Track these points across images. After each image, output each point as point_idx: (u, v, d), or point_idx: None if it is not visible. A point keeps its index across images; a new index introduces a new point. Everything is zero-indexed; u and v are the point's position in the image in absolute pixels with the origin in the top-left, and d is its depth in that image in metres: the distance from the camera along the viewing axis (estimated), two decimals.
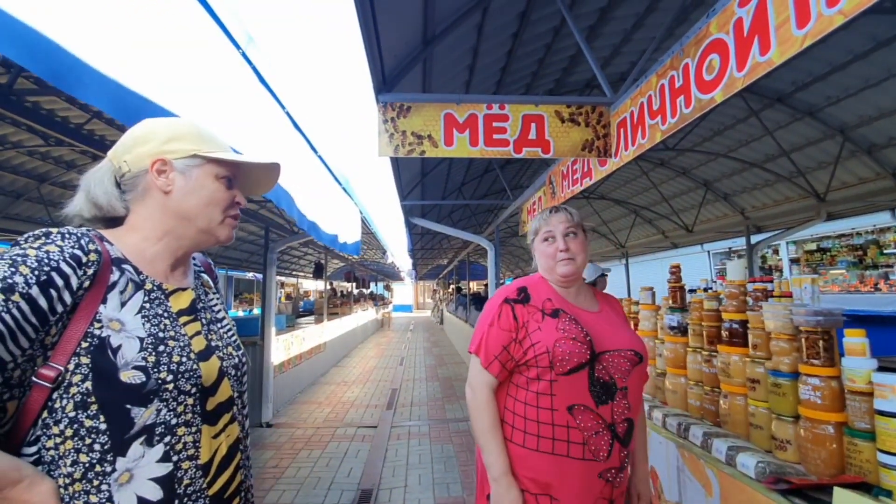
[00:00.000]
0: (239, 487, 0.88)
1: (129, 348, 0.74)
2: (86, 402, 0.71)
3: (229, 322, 1.00)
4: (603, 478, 1.18)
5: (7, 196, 5.69)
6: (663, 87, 2.21)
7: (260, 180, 1.01)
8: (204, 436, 0.81)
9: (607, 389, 1.21)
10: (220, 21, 2.19)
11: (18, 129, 4.40)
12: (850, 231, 9.36)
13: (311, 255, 13.93)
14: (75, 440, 0.70)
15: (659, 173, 7.10)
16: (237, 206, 0.93)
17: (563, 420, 1.18)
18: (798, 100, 4.60)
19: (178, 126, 0.89)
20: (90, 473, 0.70)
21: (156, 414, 0.75)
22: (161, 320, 0.81)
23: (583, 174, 3.52)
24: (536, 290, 1.35)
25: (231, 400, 0.88)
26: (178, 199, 0.86)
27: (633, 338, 1.32)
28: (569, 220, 1.38)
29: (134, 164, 0.85)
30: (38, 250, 0.71)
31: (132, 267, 0.82)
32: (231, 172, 0.91)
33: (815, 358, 1.36)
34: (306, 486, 3.55)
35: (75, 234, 0.77)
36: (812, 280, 1.94)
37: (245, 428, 0.93)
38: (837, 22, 1.29)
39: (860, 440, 1.21)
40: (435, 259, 19.66)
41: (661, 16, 3.84)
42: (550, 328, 1.24)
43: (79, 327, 0.72)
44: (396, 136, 2.68)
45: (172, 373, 0.77)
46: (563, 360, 1.19)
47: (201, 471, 0.79)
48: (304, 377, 7.25)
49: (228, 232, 0.92)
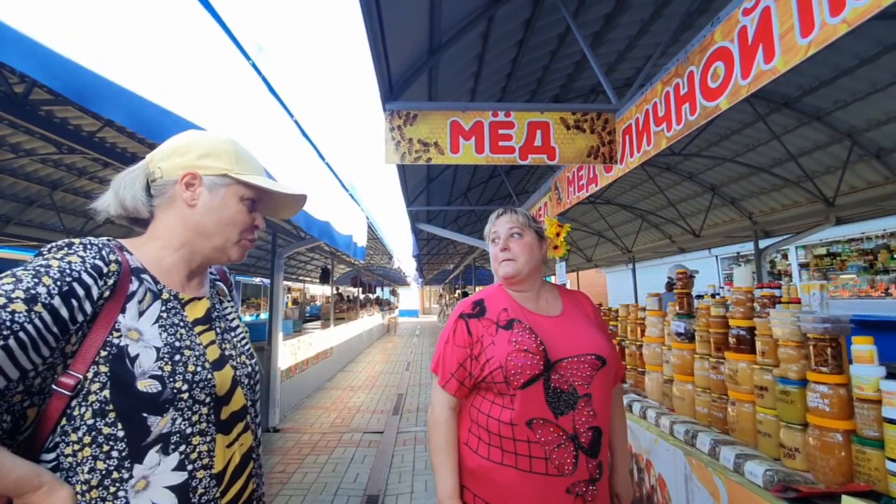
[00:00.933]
0: (251, 496, 0.89)
1: (146, 357, 0.75)
2: (104, 409, 0.72)
3: (243, 330, 1.01)
4: (571, 493, 1.13)
5: (21, 203, 5.79)
6: (668, 94, 2.23)
7: (285, 206, 1.03)
8: (218, 445, 0.82)
9: (567, 399, 1.16)
10: (230, 32, 2.24)
11: (32, 137, 4.50)
12: (860, 235, 9.26)
13: (317, 260, 14.00)
14: (93, 447, 0.72)
15: (665, 178, 7.08)
16: (255, 229, 0.95)
17: (523, 435, 1.14)
18: (805, 104, 4.59)
19: (216, 143, 0.91)
20: (107, 480, 0.71)
21: (171, 423, 0.76)
22: (177, 330, 0.82)
23: (588, 180, 3.53)
24: (493, 301, 1.31)
25: (244, 409, 0.89)
26: (199, 213, 0.87)
27: (596, 340, 1.25)
28: (513, 220, 1.35)
29: (167, 171, 0.87)
30: (60, 261, 0.73)
31: (150, 276, 0.83)
32: (256, 196, 0.93)
33: (824, 365, 1.36)
34: (313, 491, 3.55)
35: (97, 245, 0.78)
36: (821, 286, 1.93)
37: (258, 436, 0.94)
38: (841, 31, 1.30)
39: (869, 448, 1.20)
40: (441, 264, 19.70)
41: (666, 22, 3.85)
42: (503, 342, 1.20)
43: (98, 336, 0.74)
44: (403, 143, 2.71)
45: (188, 382, 0.78)
46: (515, 374, 1.15)
47: (215, 480, 0.80)
48: (311, 382, 7.27)
49: (241, 253, 0.93)
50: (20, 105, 3.19)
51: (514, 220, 1.35)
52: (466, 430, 1.26)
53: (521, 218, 1.36)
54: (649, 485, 2.04)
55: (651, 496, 2.02)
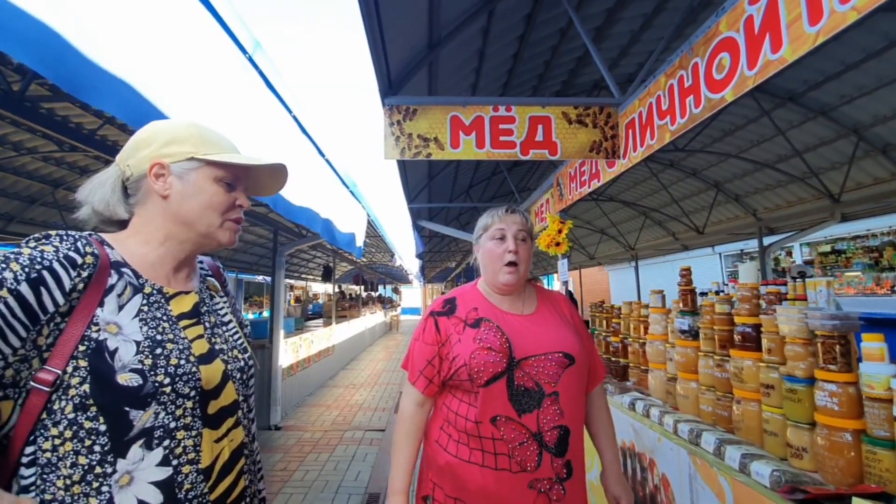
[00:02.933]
0: (243, 493, 0.87)
1: (125, 351, 0.74)
2: (84, 404, 0.71)
3: (236, 325, 0.99)
4: (535, 488, 1.12)
5: (23, 201, 5.79)
6: (672, 86, 2.19)
7: (267, 181, 0.99)
8: (205, 440, 0.80)
9: (531, 397, 1.15)
10: (226, 27, 2.21)
11: (34, 135, 4.49)
12: (865, 232, 9.18)
13: (319, 258, 14.00)
14: (74, 442, 0.70)
15: (669, 174, 7.03)
16: (239, 208, 0.91)
17: (487, 432, 1.15)
18: (811, 99, 4.53)
19: (178, 128, 0.88)
20: (90, 475, 0.70)
21: (154, 417, 0.74)
22: (160, 323, 0.81)
23: (591, 176, 3.49)
24: (464, 299, 1.30)
25: (235, 403, 0.87)
26: (176, 203, 0.85)
27: (566, 338, 1.23)
28: (523, 223, 1.32)
29: (136, 167, 0.85)
30: (33, 250, 0.72)
31: (131, 270, 0.82)
32: (232, 175, 0.90)
33: (832, 363, 1.32)
34: (314, 489, 3.54)
35: (73, 237, 0.77)
36: (827, 283, 1.89)
37: (251, 432, 0.92)
38: (851, 18, 1.26)
39: (879, 449, 1.17)
40: (443, 262, 19.66)
41: (669, 16, 3.81)
42: (469, 340, 1.21)
43: (76, 330, 0.72)
44: (403, 138, 2.68)
45: (170, 376, 0.76)
46: (479, 371, 1.15)
47: (202, 475, 0.79)
48: (313, 380, 7.27)
49: (230, 235, 0.91)
50: (18, 102, 3.17)
51: (523, 223, 1.32)
52: (438, 427, 1.26)
53: (528, 222, 1.34)
54: (653, 484, 2.01)
55: (654, 496, 1.99)
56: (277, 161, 0.94)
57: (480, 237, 1.37)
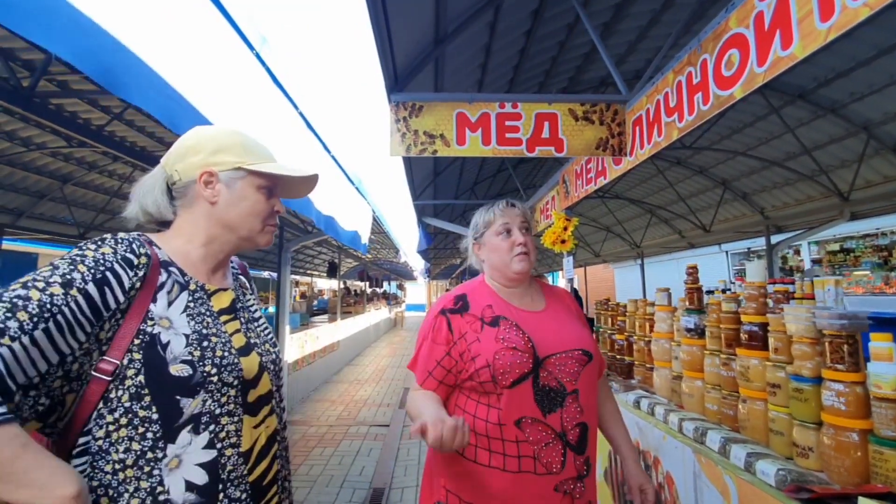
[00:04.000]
0: (276, 476, 0.92)
1: (176, 344, 0.80)
2: (140, 393, 0.76)
3: (265, 321, 1.06)
4: (560, 491, 1.10)
5: (32, 196, 5.85)
6: (680, 83, 2.17)
7: (299, 187, 1.05)
8: (245, 425, 0.86)
9: (555, 396, 1.13)
10: (234, 23, 2.22)
11: (43, 131, 4.53)
12: (874, 231, 9.07)
13: (325, 254, 14.04)
14: (129, 429, 0.75)
15: (675, 172, 6.98)
16: (276, 214, 0.98)
17: (511, 435, 1.11)
18: (820, 96, 4.47)
19: (224, 136, 0.94)
20: (141, 460, 0.75)
21: (202, 404, 0.80)
22: (204, 318, 0.86)
23: (597, 173, 3.48)
24: (476, 296, 1.27)
25: (270, 393, 0.93)
26: (222, 209, 0.91)
27: (581, 335, 1.24)
28: (525, 215, 1.31)
29: (184, 173, 0.90)
30: (95, 252, 0.78)
31: (178, 269, 0.88)
32: (271, 182, 0.96)
33: (839, 363, 1.32)
34: (319, 483, 3.57)
35: (127, 239, 0.83)
36: (836, 282, 1.88)
37: (282, 420, 0.99)
38: (863, 14, 1.24)
39: (887, 449, 1.16)
40: (448, 259, 19.67)
41: (677, 12, 3.77)
42: (489, 339, 1.16)
43: (132, 325, 0.78)
44: (409, 135, 2.68)
45: (216, 366, 0.82)
46: (504, 372, 1.11)
47: (242, 458, 0.84)
48: (318, 375, 7.31)
49: (269, 238, 0.98)
50: (28, 98, 3.20)
51: (525, 215, 1.32)
52: None
53: (529, 213, 1.34)
54: (657, 482, 2.01)
55: (659, 494, 1.99)
56: (312, 172, 1.00)
57: (483, 234, 1.34)
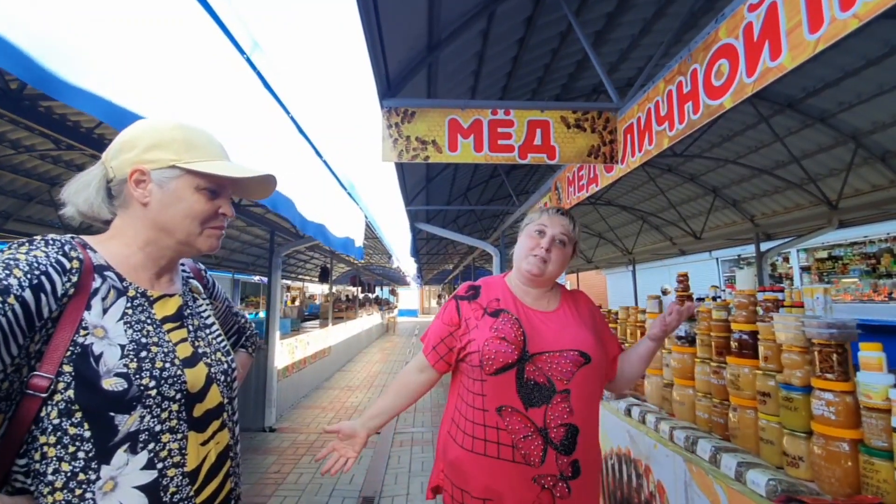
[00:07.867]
0: (229, 495, 0.87)
1: (110, 355, 0.73)
2: (70, 409, 0.70)
3: (218, 328, 0.98)
4: (538, 483, 1.14)
5: (19, 199, 5.76)
6: (671, 92, 2.18)
7: (256, 188, 0.96)
8: (191, 443, 0.79)
9: (541, 392, 1.17)
10: (224, 27, 2.20)
11: (31, 133, 4.47)
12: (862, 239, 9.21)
13: (317, 259, 13.96)
14: (58, 448, 0.69)
15: (666, 179, 7.03)
16: (222, 217, 0.89)
17: (492, 421, 1.18)
18: (809, 105, 4.54)
19: (162, 132, 0.85)
20: (72, 482, 0.69)
21: (139, 420, 0.73)
22: (144, 326, 0.80)
23: (589, 180, 3.49)
24: (488, 289, 1.35)
25: (220, 406, 0.87)
26: (155, 210, 0.83)
27: (584, 338, 1.25)
28: (567, 227, 1.35)
29: (118, 170, 0.83)
30: (27, 255, 0.72)
31: (115, 274, 0.81)
32: (216, 183, 0.87)
33: (829, 372, 1.32)
34: (308, 492, 3.52)
35: (59, 241, 0.77)
36: (825, 290, 1.89)
37: (235, 434, 0.92)
38: (852, 26, 1.25)
39: (877, 459, 1.16)
40: (440, 264, 19.64)
41: (669, 21, 3.81)
42: (485, 327, 1.25)
43: (65, 335, 0.71)
44: (401, 141, 2.67)
45: (155, 379, 0.76)
46: (489, 359, 1.19)
47: (188, 478, 0.78)
48: (308, 381, 7.23)
49: (212, 243, 0.89)
50: (16, 100, 3.15)
51: (568, 228, 1.34)
52: (450, 419, 1.30)
53: (574, 228, 1.36)
54: (648, 491, 2.00)
55: (650, 502, 1.98)
56: (263, 173, 0.90)
57: (524, 228, 1.40)
